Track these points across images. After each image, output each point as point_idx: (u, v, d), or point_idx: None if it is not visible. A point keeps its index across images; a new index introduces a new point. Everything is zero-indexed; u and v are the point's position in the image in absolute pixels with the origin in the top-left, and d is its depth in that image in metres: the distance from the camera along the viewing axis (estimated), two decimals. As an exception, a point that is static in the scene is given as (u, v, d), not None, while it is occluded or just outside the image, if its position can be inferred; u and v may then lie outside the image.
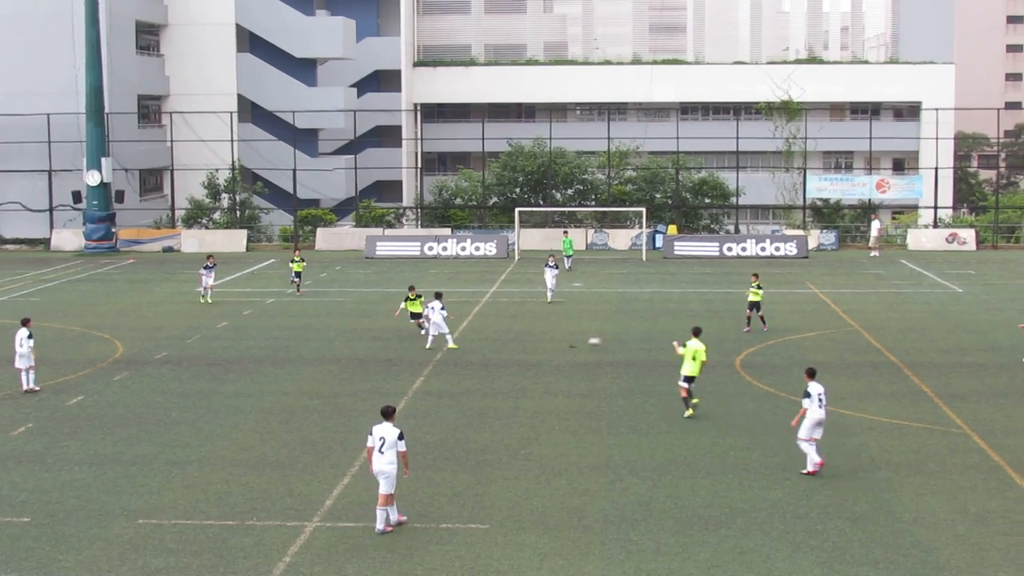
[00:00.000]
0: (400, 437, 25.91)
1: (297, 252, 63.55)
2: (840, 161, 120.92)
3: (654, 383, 41.22)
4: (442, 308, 47.30)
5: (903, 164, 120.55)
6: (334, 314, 56.57)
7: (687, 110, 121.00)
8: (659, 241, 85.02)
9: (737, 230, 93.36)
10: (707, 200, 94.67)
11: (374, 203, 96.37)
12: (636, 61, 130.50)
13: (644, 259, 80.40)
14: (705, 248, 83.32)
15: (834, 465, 31.19)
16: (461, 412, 37.12)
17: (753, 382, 41.26)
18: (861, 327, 52.65)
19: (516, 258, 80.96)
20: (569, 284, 67.07)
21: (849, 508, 27.76)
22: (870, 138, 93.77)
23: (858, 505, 27.99)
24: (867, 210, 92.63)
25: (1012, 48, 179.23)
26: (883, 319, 55.05)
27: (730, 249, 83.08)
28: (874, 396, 39.44)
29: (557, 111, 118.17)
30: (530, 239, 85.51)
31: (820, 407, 30.56)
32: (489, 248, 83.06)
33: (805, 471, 30.27)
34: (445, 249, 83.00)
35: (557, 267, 60.79)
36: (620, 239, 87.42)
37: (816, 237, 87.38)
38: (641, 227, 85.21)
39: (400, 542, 25.36)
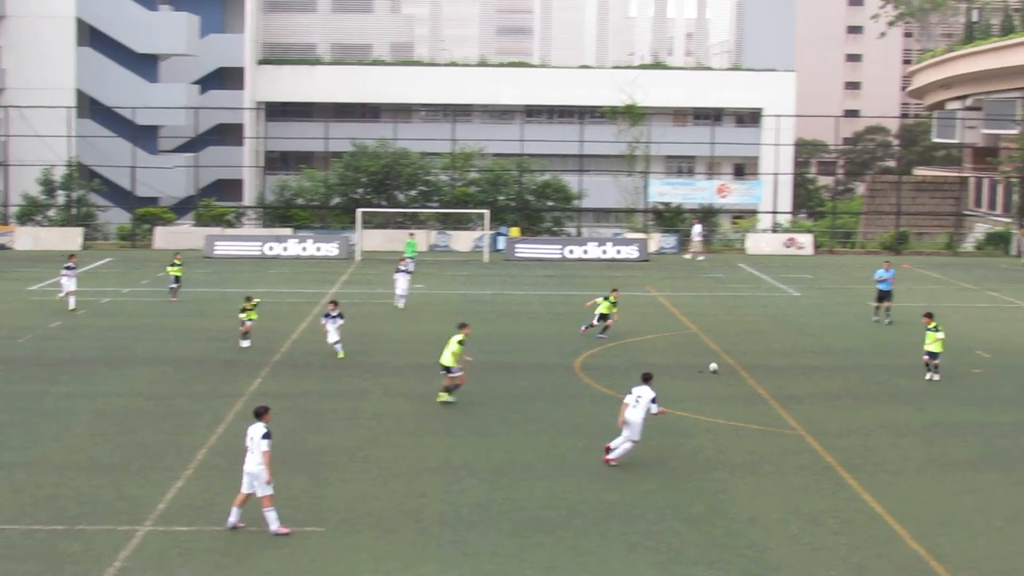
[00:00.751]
0: (264, 436, 25.76)
1: (178, 256, 61.12)
2: (682, 166, 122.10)
3: (493, 385, 41.22)
4: (338, 316, 45.86)
5: (744, 169, 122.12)
6: (170, 314, 55.76)
7: (532, 113, 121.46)
8: (501, 243, 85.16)
9: (579, 233, 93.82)
10: (550, 203, 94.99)
11: (214, 202, 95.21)
12: (482, 63, 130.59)
13: (486, 261, 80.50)
14: (547, 250, 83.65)
15: (671, 467, 31.47)
16: (299, 414, 36.78)
17: (592, 384, 41.45)
18: (700, 330, 53.19)
19: (358, 259, 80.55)
20: (411, 286, 66.89)
21: (685, 509, 27.98)
22: (712, 143, 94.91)
23: (694, 506, 28.23)
24: (707, 214, 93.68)
25: (851, 57, 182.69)
26: (721, 322, 55.67)
27: (572, 252, 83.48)
28: (711, 398, 39.83)
29: (402, 112, 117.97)
30: (372, 240, 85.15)
31: (634, 407, 30.90)
32: (331, 249, 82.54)
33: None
34: (286, 249, 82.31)
35: (408, 272, 59.57)
36: (462, 241, 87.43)
37: (657, 240, 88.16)
38: (483, 229, 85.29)
39: (235, 545, 25.05)
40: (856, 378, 43.59)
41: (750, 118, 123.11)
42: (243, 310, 47.91)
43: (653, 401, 31.34)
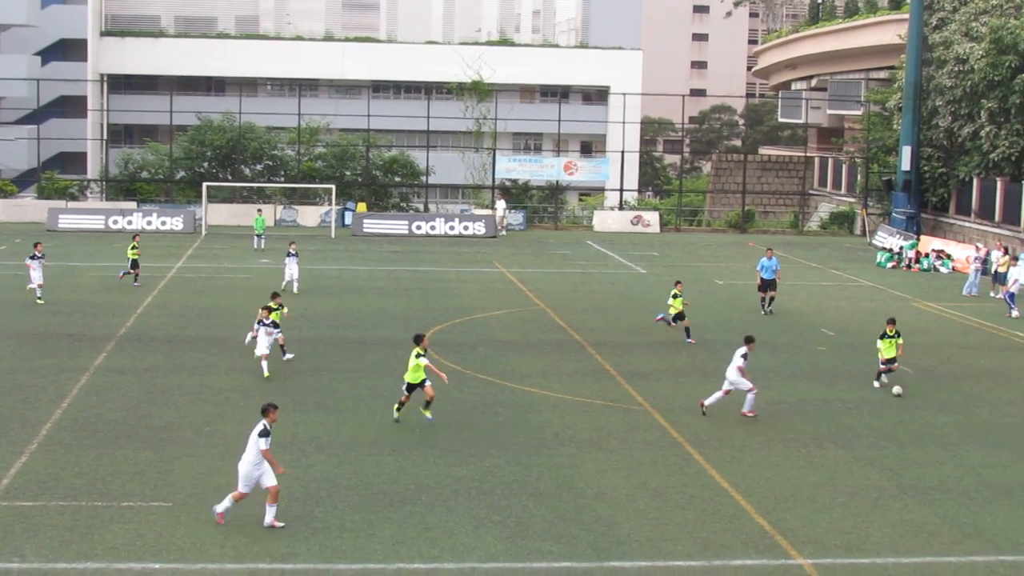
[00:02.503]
0: (261, 434, 24.82)
1: (137, 238, 58.08)
2: (529, 143, 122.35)
3: (341, 360, 41.01)
4: (272, 325, 38.98)
5: (591, 147, 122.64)
6: (13, 288, 54.58)
7: (379, 88, 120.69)
8: (348, 218, 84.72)
9: (426, 209, 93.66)
10: (397, 178, 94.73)
11: (57, 175, 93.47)
12: (328, 37, 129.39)
13: (333, 236, 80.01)
14: (394, 226, 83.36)
15: (518, 442, 31.50)
16: (145, 389, 36.26)
17: (440, 360, 41.34)
18: (547, 306, 53.36)
19: (203, 233, 79.62)
20: (257, 261, 66.37)
21: (533, 484, 28.03)
22: (559, 121, 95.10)
23: (541, 481, 28.29)
24: (554, 191, 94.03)
25: (698, 37, 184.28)
26: (568, 299, 55.91)
27: (419, 227, 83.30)
28: (558, 374, 39.96)
29: (248, 86, 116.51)
30: (218, 214, 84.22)
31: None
32: (176, 223, 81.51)
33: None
34: (130, 223, 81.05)
35: (298, 255, 56.89)
36: (309, 216, 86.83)
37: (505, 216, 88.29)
38: (330, 204, 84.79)
39: (80, 520, 24.59)
40: (702, 355, 44.01)
41: (597, 96, 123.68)
42: (268, 310, 39.56)
43: (743, 357, 34.49)
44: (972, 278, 62.75)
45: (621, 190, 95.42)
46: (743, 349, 34.81)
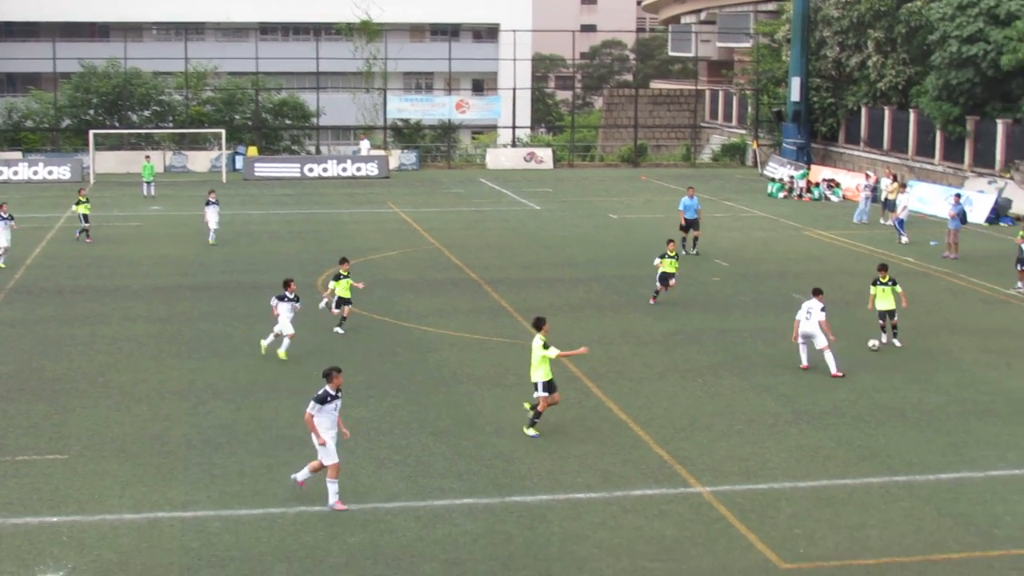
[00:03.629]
0: (315, 399, 22.97)
1: (83, 192, 55.98)
2: (420, 82, 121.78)
3: (235, 306, 40.73)
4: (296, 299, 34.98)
5: (482, 85, 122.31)
6: None
7: (267, 30, 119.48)
8: (239, 163, 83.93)
9: (318, 151, 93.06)
10: (287, 121, 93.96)
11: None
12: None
13: (224, 181, 79.14)
14: (286, 169, 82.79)
15: (417, 381, 31.48)
16: (36, 341, 35.78)
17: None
18: (442, 245, 53.28)
19: (91, 182, 78.49)
20: (147, 208, 65.67)
21: (432, 423, 28.02)
22: (449, 59, 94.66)
23: (441, 419, 28.29)
24: (447, 130, 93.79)
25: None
26: (463, 237, 55.86)
27: (311, 170, 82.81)
28: (455, 312, 39.95)
29: (132, 31, 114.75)
30: (105, 162, 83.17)
31: (807, 320, 32.51)
32: (63, 172, 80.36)
33: None
34: (16, 173, 79.80)
35: (219, 203, 55.83)
36: (199, 161, 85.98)
37: (397, 157, 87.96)
38: (221, 149, 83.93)
39: (-29, 477, 24.26)
40: (598, 289, 44.17)
41: (488, 34, 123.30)
42: (337, 277, 37.25)
43: (822, 310, 32.52)
44: (862, 206, 63.40)
45: (513, 127, 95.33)
46: (819, 303, 32.77)
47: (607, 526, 21.97)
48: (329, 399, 22.81)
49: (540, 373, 27.06)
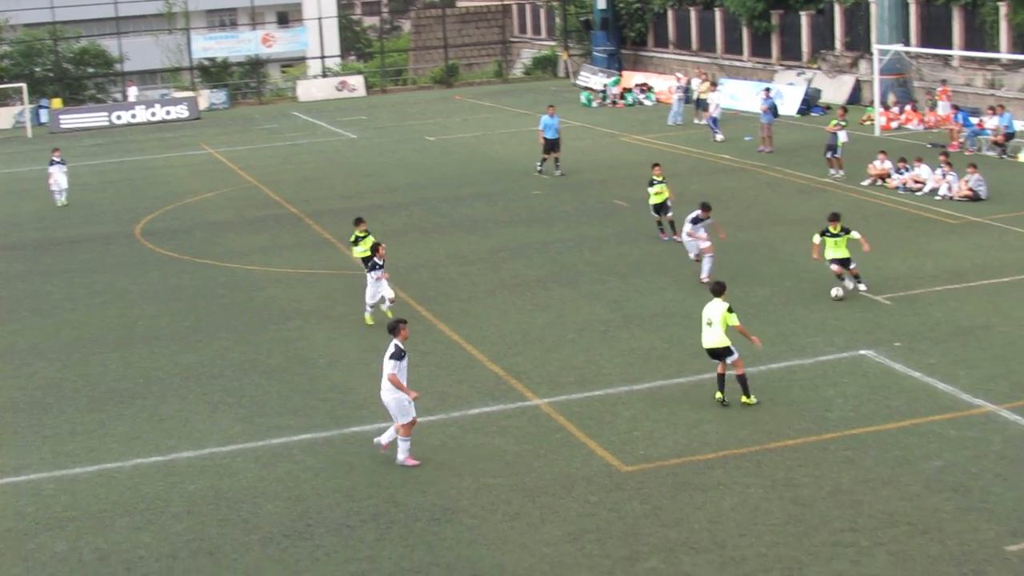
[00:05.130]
0: (393, 356, 21.37)
1: None
2: (224, 19, 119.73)
3: (52, 263, 39.76)
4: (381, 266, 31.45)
5: (287, 17, 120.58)
6: None
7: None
8: (44, 116, 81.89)
9: (125, 97, 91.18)
10: (91, 70, 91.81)
11: None
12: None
13: (30, 136, 77.12)
14: (94, 119, 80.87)
15: (244, 321, 31.10)
16: None
17: (156, 249, 40.46)
18: (259, 182, 52.59)
19: None
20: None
21: (264, 361, 27.73)
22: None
23: (272, 357, 28.00)
24: (255, 66, 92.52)
25: None
26: (280, 172, 55.21)
27: (120, 117, 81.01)
28: (278, 248, 39.51)
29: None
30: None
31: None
32: None
33: None
34: None
35: (64, 162, 52.68)
36: (2, 118, 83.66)
37: (207, 97, 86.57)
38: (23, 103, 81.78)
39: None
40: (420, 212, 44.00)
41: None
42: (355, 241, 32.98)
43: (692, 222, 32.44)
44: (675, 107, 63.85)
45: (323, 57, 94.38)
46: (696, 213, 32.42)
47: (448, 447, 21.95)
48: (404, 354, 21.45)
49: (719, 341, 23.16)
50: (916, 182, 42.36)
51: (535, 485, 20.19)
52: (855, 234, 30.06)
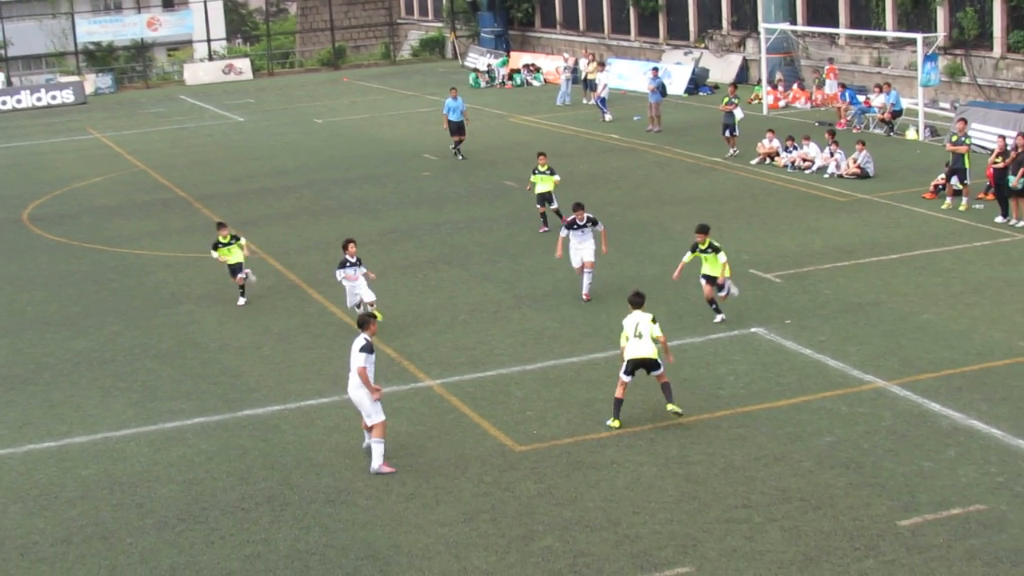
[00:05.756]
0: (362, 349, 20.34)
1: None
2: (109, 2, 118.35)
3: (-62, 249, 39.32)
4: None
5: (172, 0, 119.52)
6: None
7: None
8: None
9: (9, 83, 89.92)
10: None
11: None
12: None
13: (-87, 122, 76.07)
14: (-23, 105, 79.86)
15: (135, 306, 30.92)
16: None
17: (44, 234, 40.09)
18: (148, 166, 52.20)
19: None
20: None
21: (155, 346, 27.62)
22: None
23: (163, 342, 27.89)
24: (141, 50, 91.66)
25: None
26: (168, 156, 54.83)
27: (4, 103, 79.93)
28: (168, 233, 39.28)
29: None
30: None
31: None
32: None
33: None
34: None
35: None
36: None
37: (92, 82, 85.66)
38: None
39: None
40: (310, 195, 43.92)
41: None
42: (216, 246, 30.94)
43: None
44: (564, 88, 64.19)
45: (209, 40, 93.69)
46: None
47: (341, 429, 22.03)
48: (373, 348, 20.64)
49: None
50: (804, 160, 42.93)
51: (429, 466, 20.32)
52: (722, 257, 26.71)
